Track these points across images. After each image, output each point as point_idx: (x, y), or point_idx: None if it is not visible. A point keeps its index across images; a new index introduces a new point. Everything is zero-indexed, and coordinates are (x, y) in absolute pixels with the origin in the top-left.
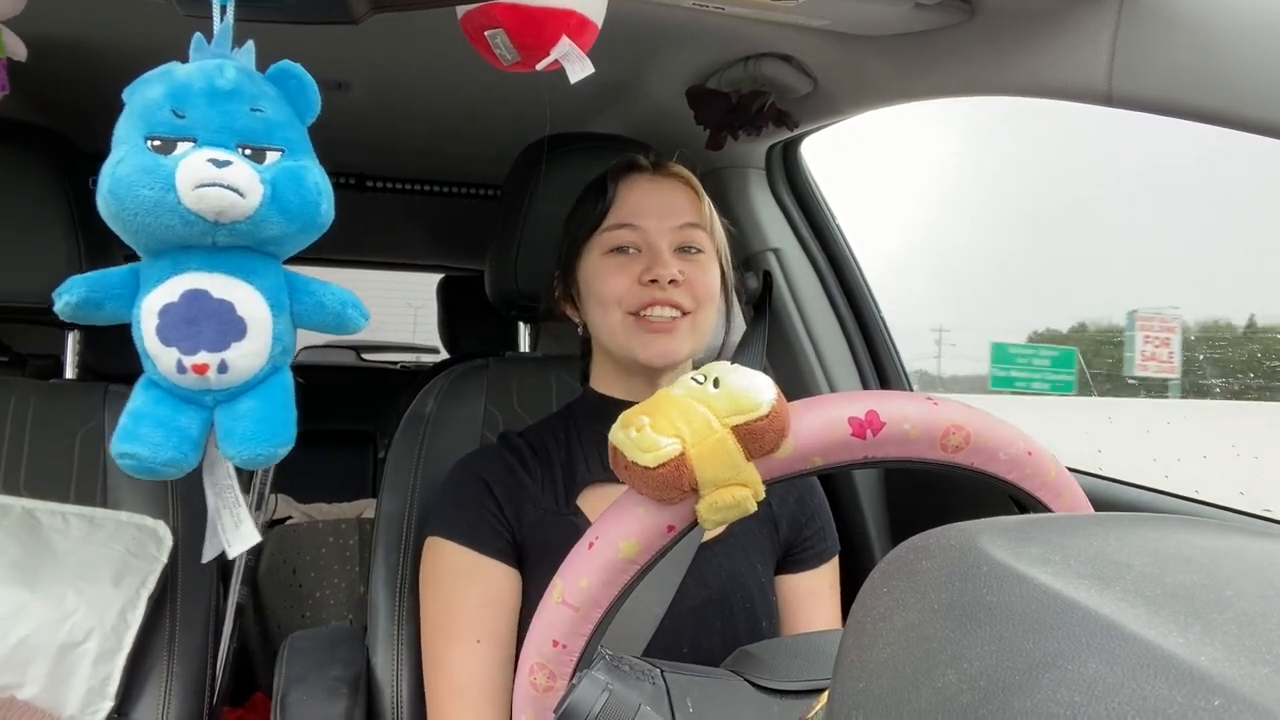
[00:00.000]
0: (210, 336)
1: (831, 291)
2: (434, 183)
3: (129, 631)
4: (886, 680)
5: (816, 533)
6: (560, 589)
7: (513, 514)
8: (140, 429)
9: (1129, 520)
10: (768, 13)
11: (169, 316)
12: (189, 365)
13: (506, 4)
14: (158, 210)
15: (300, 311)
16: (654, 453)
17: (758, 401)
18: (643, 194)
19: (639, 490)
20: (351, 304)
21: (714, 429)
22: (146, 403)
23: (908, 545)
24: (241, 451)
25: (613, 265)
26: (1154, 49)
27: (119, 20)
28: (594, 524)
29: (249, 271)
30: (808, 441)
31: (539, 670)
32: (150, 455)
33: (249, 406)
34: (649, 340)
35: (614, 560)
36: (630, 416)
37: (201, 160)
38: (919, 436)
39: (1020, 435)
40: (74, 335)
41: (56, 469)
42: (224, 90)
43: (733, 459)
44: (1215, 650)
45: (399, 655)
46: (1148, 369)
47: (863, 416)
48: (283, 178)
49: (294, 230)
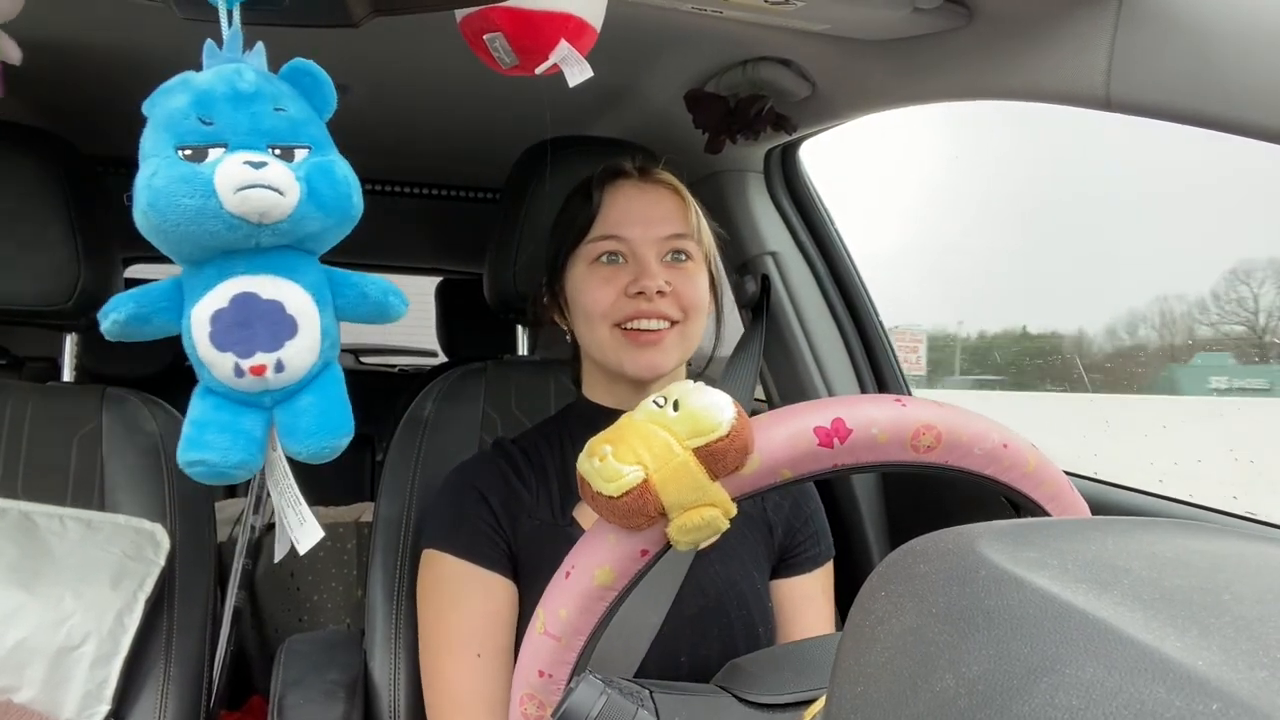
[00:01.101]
0: (264, 337)
1: (829, 295)
2: (433, 186)
3: (126, 635)
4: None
5: (811, 537)
6: (543, 619)
7: (509, 524)
8: (205, 436)
9: (1126, 524)
10: (766, 16)
11: (221, 322)
12: (246, 368)
13: (505, 8)
14: (200, 218)
15: (343, 304)
16: (617, 482)
17: (717, 422)
18: (628, 202)
19: (607, 519)
20: (393, 292)
21: (675, 453)
22: (207, 410)
23: (905, 549)
24: (308, 446)
25: (599, 277)
26: (1152, 54)
27: (117, 23)
28: (569, 554)
29: (292, 270)
30: (774, 455)
31: (528, 701)
32: (220, 460)
33: (308, 402)
34: (636, 353)
35: (590, 589)
36: (595, 445)
37: (238, 164)
38: (888, 440)
39: (995, 428)
40: (72, 338)
41: (54, 472)
42: (247, 93)
43: (696, 481)
44: (1213, 654)
45: (396, 659)
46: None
47: (828, 425)
48: (315, 173)
49: (331, 224)
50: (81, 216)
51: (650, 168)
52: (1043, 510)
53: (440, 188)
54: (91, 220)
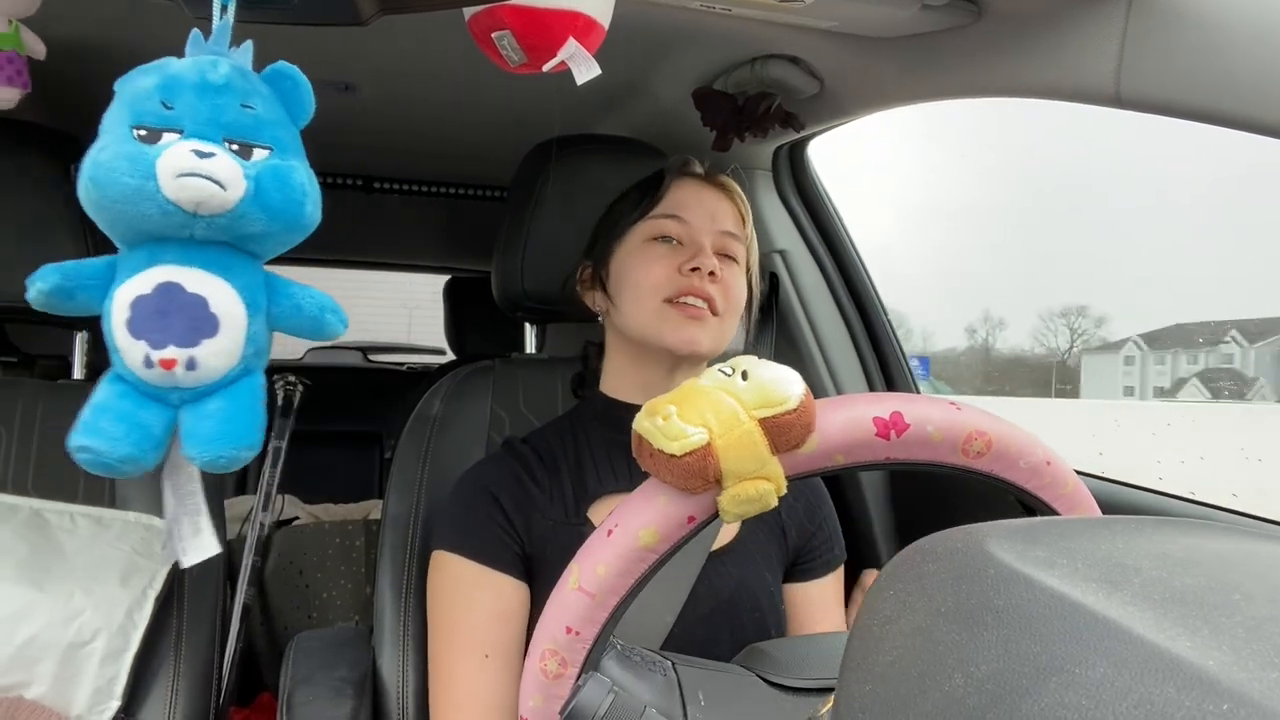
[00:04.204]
0: (180, 331)
1: (838, 293)
2: (440, 184)
3: (136, 631)
4: (893, 683)
5: (824, 541)
6: (577, 575)
7: (521, 525)
8: (100, 422)
9: (1136, 523)
10: (774, 14)
11: (140, 309)
12: (156, 359)
13: (513, 6)
14: (136, 198)
15: (277, 314)
16: (680, 441)
17: (786, 395)
18: (693, 193)
19: (662, 478)
20: (330, 309)
21: (741, 420)
22: (109, 396)
23: (914, 548)
24: (204, 452)
25: (654, 253)
26: (1163, 50)
27: (127, 21)
28: (614, 512)
29: (226, 269)
30: (832, 439)
31: (550, 656)
32: (107, 450)
33: (216, 407)
34: (680, 324)
35: (633, 548)
36: (657, 405)
37: (185, 150)
38: (942, 440)
39: (1039, 444)
40: (82, 336)
41: (64, 469)
42: (215, 84)
43: (759, 451)
44: (1223, 654)
45: (405, 656)
46: None
47: (887, 417)
48: (267, 175)
49: (276, 229)
50: None
51: (717, 172)
52: None
53: (448, 186)
54: None
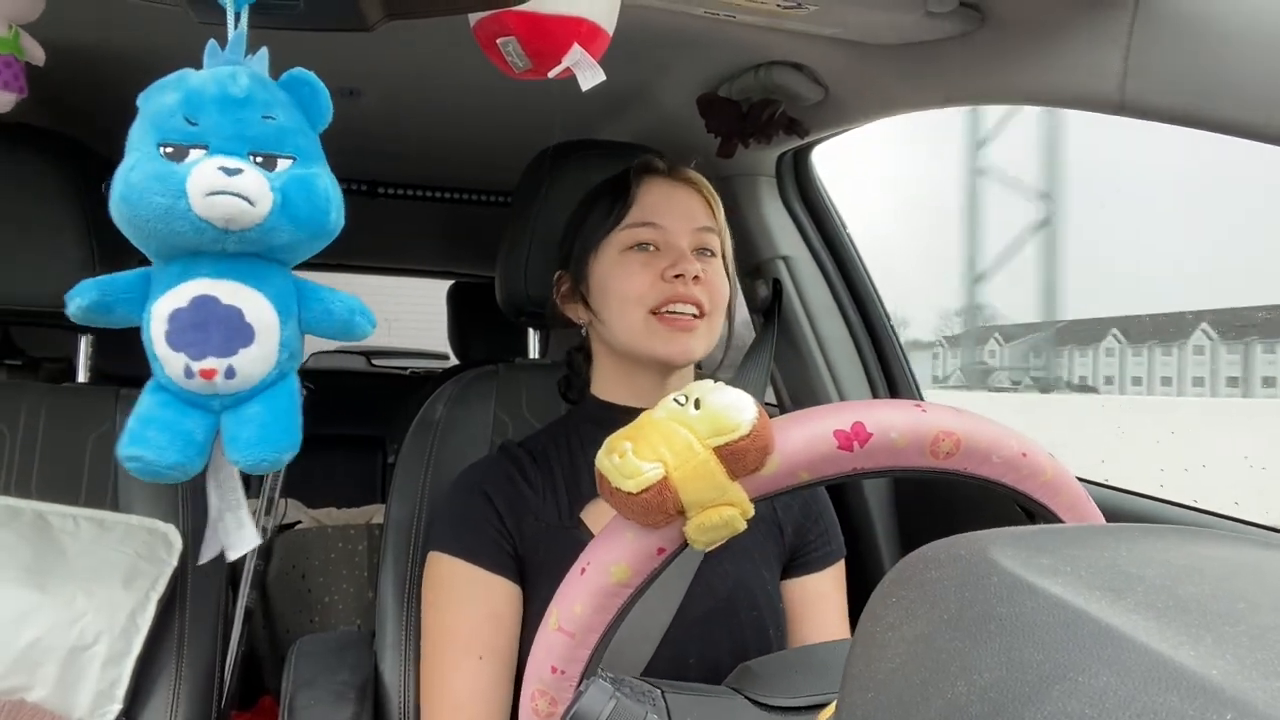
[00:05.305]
0: (218, 342)
1: (841, 300)
2: (444, 189)
3: (138, 635)
4: (895, 691)
5: (821, 535)
6: (556, 615)
7: (514, 526)
8: (147, 432)
9: (1140, 531)
10: (779, 21)
11: (178, 321)
12: (196, 370)
13: (519, 12)
14: (169, 217)
15: (308, 318)
16: (636, 478)
17: (738, 421)
18: (662, 195)
19: (625, 515)
20: (359, 311)
21: (696, 451)
22: (153, 406)
23: (917, 555)
24: (246, 456)
25: (634, 263)
26: (1168, 57)
27: (133, 26)
28: (585, 549)
29: (257, 278)
30: (794, 457)
31: (540, 696)
32: (155, 458)
33: (255, 412)
34: (670, 337)
35: (606, 585)
36: (614, 441)
37: (212, 168)
38: (907, 445)
39: (1014, 437)
40: (86, 339)
41: (68, 472)
42: (237, 98)
43: (716, 480)
44: (1227, 663)
45: (407, 660)
46: None
47: (848, 428)
48: (293, 185)
49: (303, 237)
50: (96, 219)
51: (680, 167)
52: (1058, 519)
53: (452, 191)
54: (106, 222)
